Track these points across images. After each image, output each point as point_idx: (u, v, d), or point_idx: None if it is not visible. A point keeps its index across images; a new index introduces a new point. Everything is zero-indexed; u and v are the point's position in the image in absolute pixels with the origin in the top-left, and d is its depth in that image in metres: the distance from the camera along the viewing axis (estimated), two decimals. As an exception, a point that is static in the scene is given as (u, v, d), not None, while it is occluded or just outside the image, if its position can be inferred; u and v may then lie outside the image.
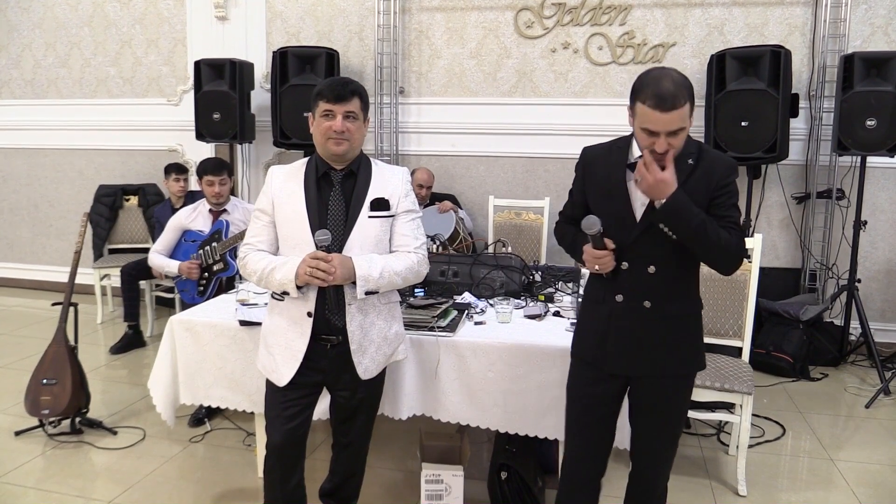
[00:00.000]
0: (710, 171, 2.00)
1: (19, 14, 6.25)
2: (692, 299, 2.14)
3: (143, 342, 4.92)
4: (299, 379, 2.26)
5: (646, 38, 5.04)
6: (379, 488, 3.02)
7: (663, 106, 1.87)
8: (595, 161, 2.16)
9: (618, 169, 2.08)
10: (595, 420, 2.18)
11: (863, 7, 4.69)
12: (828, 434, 3.63)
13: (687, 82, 1.92)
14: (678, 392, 2.14)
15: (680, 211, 1.93)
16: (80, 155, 6.28)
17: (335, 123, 2.18)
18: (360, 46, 5.53)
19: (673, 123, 1.89)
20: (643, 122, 1.93)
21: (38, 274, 6.53)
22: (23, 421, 3.51)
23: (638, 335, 2.07)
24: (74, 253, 3.65)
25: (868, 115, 4.20)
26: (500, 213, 4.87)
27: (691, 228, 1.94)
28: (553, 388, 2.59)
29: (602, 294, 2.12)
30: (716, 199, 2.00)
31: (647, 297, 2.06)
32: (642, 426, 2.17)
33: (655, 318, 2.06)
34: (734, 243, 1.98)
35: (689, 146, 2.02)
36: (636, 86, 1.97)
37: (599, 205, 2.11)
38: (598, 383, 2.15)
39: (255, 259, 2.27)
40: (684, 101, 1.88)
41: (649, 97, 1.89)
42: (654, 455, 2.18)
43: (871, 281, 4.87)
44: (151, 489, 3.01)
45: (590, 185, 2.16)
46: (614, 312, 2.10)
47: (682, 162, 2.00)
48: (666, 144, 1.91)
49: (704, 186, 1.99)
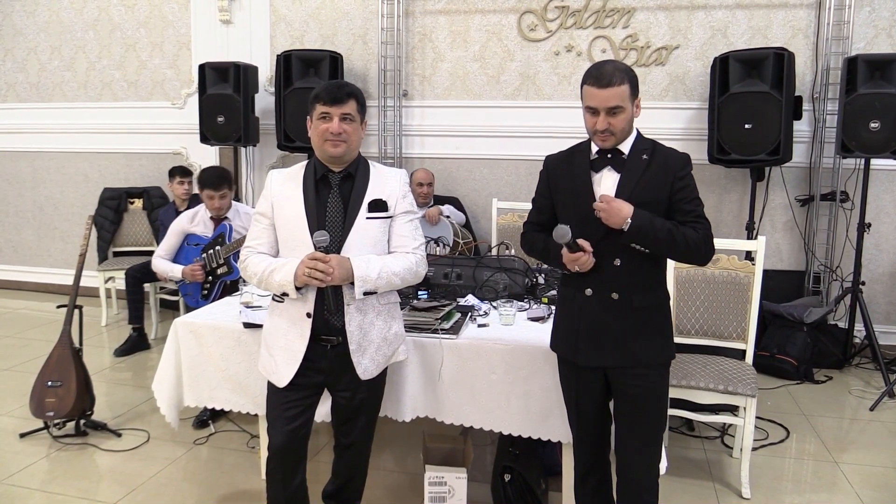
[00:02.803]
0: (665, 165, 2.14)
1: (24, 18, 6.28)
2: (659, 290, 2.23)
3: (147, 345, 4.93)
4: (299, 380, 2.27)
5: (649, 40, 5.05)
6: (382, 490, 3.02)
7: (600, 82, 2.05)
8: (558, 166, 2.30)
9: (582, 170, 2.21)
10: (585, 408, 2.29)
11: (866, 9, 4.68)
12: (832, 437, 3.62)
13: (629, 70, 2.11)
14: (652, 382, 2.19)
15: (645, 228, 2.06)
16: (85, 158, 6.31)
17: (332, 125, 2.20)
18: (364, 50, 5.55)
19: (610, 100, 2.06)
20: (586, 101, 2.11)
21: (42, 276, 6.55)
22: (28, 423, 3.52)
23: (607, 327, 2.16)
24: (79, 255, 3.67)
25: (872, 118, 4.19)
26: (503, 215, 4.87)
27: (660, 241, 2.07)
28: (556, 391, 2.58)
29: (573, 290, 2.23)
30: (677, 194, 2.12)
31: (614, 290, 2.15)
32: (622, 419, 2.24)
33: (623, 309, 2.15)
34: (701, 240, 2.10)
35: (643, 143, 2.18)
36: (584, 74, 2.13)
37: (567, 207, 2.24)
38: (579, 377, 2.26)
39: (255, 261, 2.29)
40: (621, 81, 2.06)
41: (590, 77, 2.09)
42: (636, 448, 2.22)
43: (875, 283, 4.86)
44: (156, 491, 3.02)
45: (556, 189, 2.28)
46: (585, 306, 2.19)
47: (637, 158, 2.15)
48: (606, 123, 2.08)
49: (662, 180, 2.12)
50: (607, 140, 2.12)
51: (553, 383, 2.58)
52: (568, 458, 2.74)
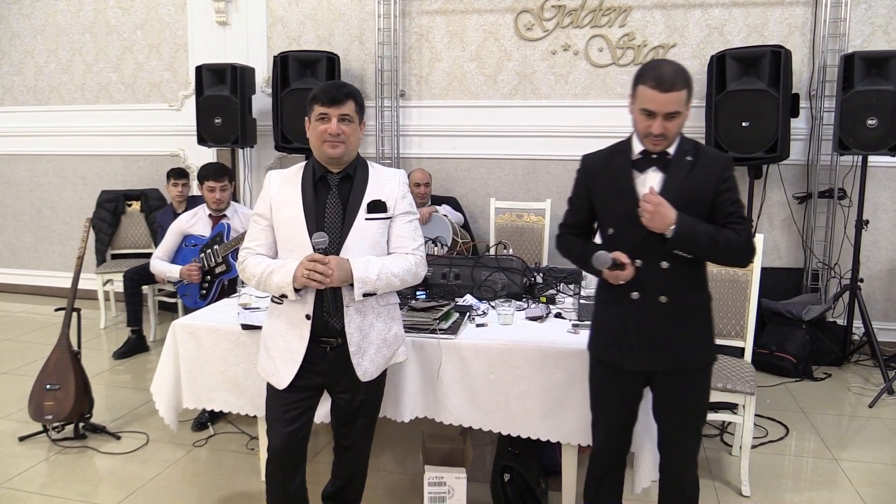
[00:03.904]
0: (709, 166, 2.11)
1: (21, 21, 6.27)
2: (703, 291, 2.21)
3: (145, 347, 4.93)
4: (299, 382, 2.26)
5: (646, 39, 5.05)
6: (382, 491, 3.02)
7: (662, 86, 1.99)
8: (597, 167, 2.24)
9: (623, 170, 2.16)
10: (619, 412, 2.27)
11: (863, 6, 4.69)
12: (831, 434, 3.63)
13: (686, 72, 2.06)
14: (698, 384, 2.20)
15: (689, 234, 2.04)
16: (83, 160, 6.30)
17: (330, 126, 2.19)
18: (361, 50, 5.55)
19: (670, 105, 2.00)
20: (642, 103, 2.05)
21: (40, 279, 6.55)
22: (26, 426, 3.52)
23: (655, 331, 2.13)
24: (77, 258, 3.66)
25: (869, 115, 4.20)
26: (501, 215, 4.87)
27: (703, 246, 2.06)
28: (555, 390, 2.59)
29: (616, 295, 2.17)
30: (721, 195, 2.09)
31: (662, 292, 2.11)
32: (667, 420, 2.23)
33: (672, 312, 2.12)
34: (743, 242, 2.08)
35: (686, 144, 2.14)
36: (638, 72, 2.11)
37: (608, 208, 2.20)
38: (617, 380, 2.23)
39: (253, 263, 2.28)
40: (682, 86, 2.01)
41: (650, 79, 2.02)
42: (682, 447, 2.24)
43: (873, 280, 4.86)
44: (155, 494, 3.01)
45: (596, 191, 2.23)
46: (630, 310, 2.15)
47: (681, 160, 2.11)
48: (661, 127, 2.03)
49: (707, 181, 2.09)
50: (659, 144, 2.08)
51: (552, 383, 2.59)
52: (568, 458, 2.74)
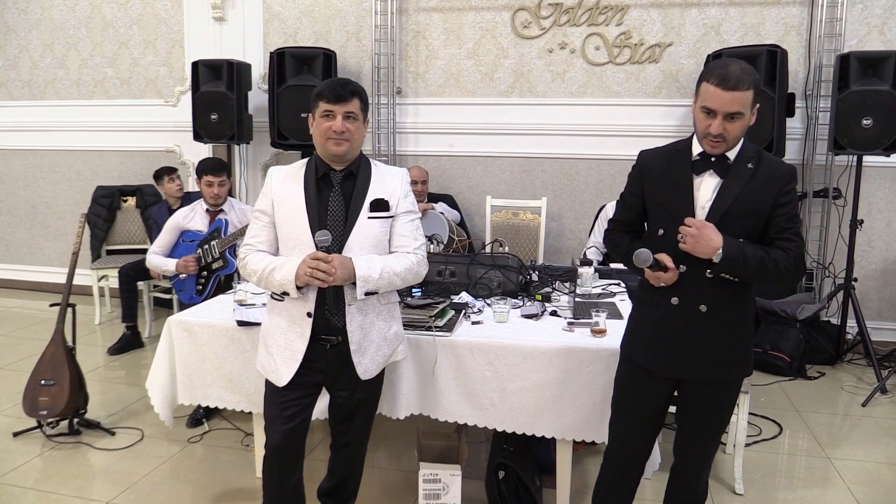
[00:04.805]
0: (770, 176, 2.02)
1: (16, 15, 6.24)
2: (747, 304, 2.13)
3: (141, 343, 4.92)
4: (298, 379, 2.26)
5: (643, 38, 5.05)
6: (377, 488, 3.02)
7: (726, 84, 1.90)
8: (655, 164, 2.16)
9: (682, 171, 2.08)
10: (643, 414, 2.22)
11: (859, 6, 4.70)
12: (825, 432, 3.64)
13: (755, 74, 1.97)
14: (726, 396, 2.16)
15: (737, 260, 1.95)
16: (78, 156, 6.28)
17: (335, 124, 2.18)
18: (358, 47, 5.54)
19: (732, 105, 1.92)
20: (704, 100, 1.96)
21: (35, 275, 6.53)
22: (21, 422, 3.51)
23: (691, 339, 2.07)
24: (72, 254, 3.65)
25: (864, 115, 4.21)
26: (497, 212, 4.88)
27: (751, 271, 1.98)
28: (550, 388, 2.60)
29: (656, 297, 2.12)
30: (779, 209, 2.01)
31: (703, 301, 2.05)
32: (688, 427, 2.20)
33: (710, 322, 2.06)
34: (792, 264, 2.00)
35: (749, 150, 2.05)
36: (704, 70, 2.01)
37: (661, 208, 2.12)
38: (647, 383, 2.18)
39: (254, 259, 2.27)
40: (747, 87, 1.92)
41: (714, 76, 1.93)
42: (698, 454, 2.22)
43: (867, 280, 4.88)
44: (149, 490, 3.01)
45: (650, 188, 2.15)
46: (668, 315, 2.09)
47: (742, 166, 2.03)
48: (721, 128, 1.94)
49: (766, 192, 2.01)
50: (717, 146, 1.99)
51: (547, 380, 2.59)
52: (563, 455, 2.75)
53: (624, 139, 4.99)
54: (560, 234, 5.29)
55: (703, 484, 2.27)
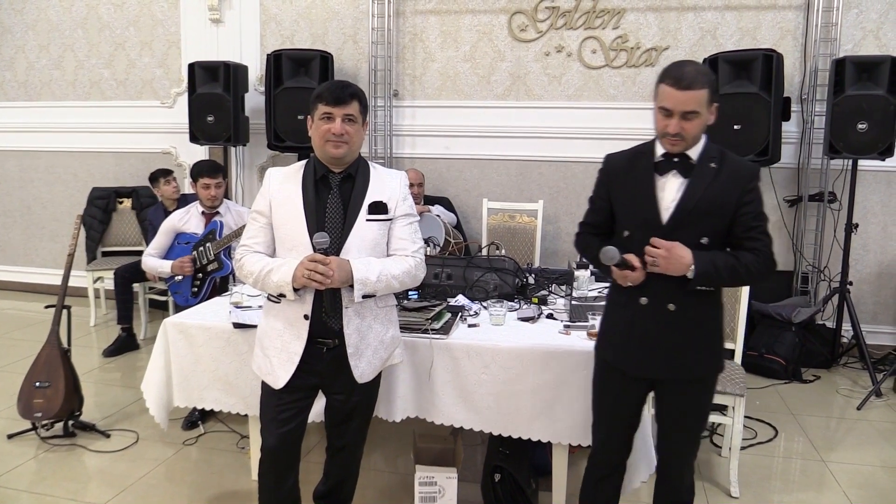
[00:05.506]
0: (734, 175, 2.05)
1: (12, 16, 6.23)
2: (715, 302, 2.17)
3: (136, 345, 4.91)
4: (295, 382, 2.25)
5: (639, 41, 5.06)
6: (373, 491, 3.02)
7: (680, 84, 1.96)
8: (619, 167, 2.20)
9: (645, 173, 2.12)
10: (621, 415, 2.25)
11: (854, 11, 4.72)
12: (820, 436, 3.65)
13: (710, 74, 2.03)
14: (701, 393, 2.19)
15: (709, 272, 2.00)
16: (74, 157, 6.26)
17: (334, 126, 2.18)
18: (355, 49, 5.54)
19: (687, 104, 1.97)
20: (661, 101, 2.03)
21: (30, 276, 6.50)
22: (15, 424, 3.50)
23: (661, 338, 2.10)
24: (67, 255, 3.64)
25: (859, 119, 4.22)
26: (493, 215, 4.88)
27: (725, 279, 2.05)
28: (546, 391, 2.60)
29: (626, 298, 2.15)
30: (743, 207, 2.04)
31: (671, 300, 2.08)
32: (667, 426, 2.22)
33: (679, 321, 2.09)
34: (763, 263, 2.06)
35: (712, 150, 2.09)
36: (661, 72, 2.07)
37: (627, 209, 2.16)
38: (621, 384, 2.21)
39: (251, 261, 2.26)
40: (701, 86, 1.97)
41: (669, 77, 2.00)
42: (679, 452, 2.24)
43: (862, 283, 4.89)
44: (144, 492, 3.00)
45: (616, 191, 2.19)
46: (638, 315, 2.12)
47: (705, 166, 2.06)
48: (678, 127, 1.99)
49: (730, 191, 2.04)
50: (676, 145, 2.04)
51: (543, 383, 2.59)
52: (559, 458, 2.75)
53: (620, 142, 4.86)
54: (556, 237, 5.29)
55: (687, 483, 2.28)
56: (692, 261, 1.98)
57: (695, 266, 1.98)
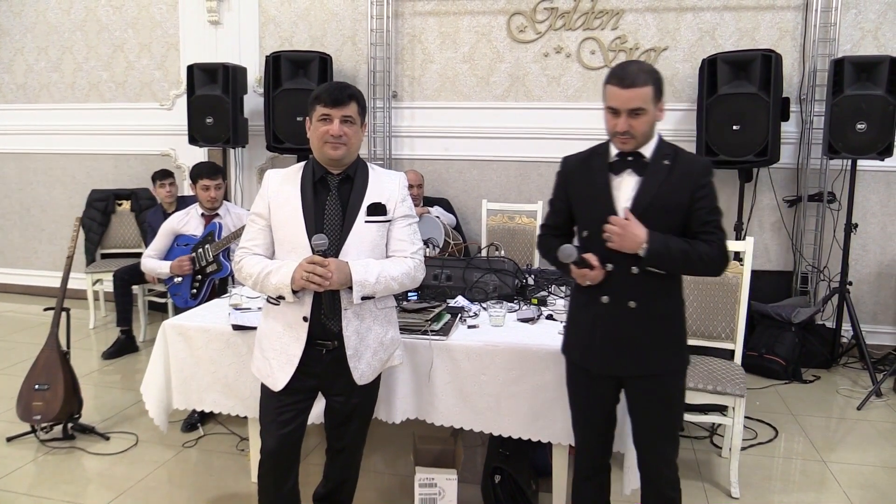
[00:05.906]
0: (687, 171, 2.10)
1: (11, 18, 6.23)
2: (675, 298, 2.21)
3: (135, 347, 4.90)
4: (294, 384, 2.25)
5: (638, 42, 5.07)
6: (373, 492, 3.01)
7: (623, 83, 2.02)
8: (576, 168, 2.25)
9: (600, 173, 2.16)
10: (593, 414, 2.27)
11: (853, 11, 4.72)
12: (820, 436, 3.65)
13: (654, 72, 2.07)
14: (669, 389, 2.19)
15: (661, 252, 2.03)
16: (73, 159, 6.26)
17: (332, 128, 2.18)
18: (354, 51, 5.54)
19: (632, 101, 2.02)
20: (608, 101, 2.07)
21: (29, 279, 6.50)
22: (15, 427, 3.49)
23: (623, 335, 2.13)
24: (66, 258, 3.64)
25: (858, 119, 4.23)
26: (493, 216, 4.88)
27: (677, 262, 2.06)
28: (546, 392, 2.59)
29: (587, 297, 2.18)
30: (697, 202, 2.09)
31: (631, 298, 2.11)
32: (639, 423, 2.23)
33: (641, 317, 2.12)
34: (716, 254, 2.09)
35: (665, 148, 2.14)
36: (607, 74, 2.11)
37: (584, 209, 2.20)
38: (590, 383, 2.23)
39: (250, 263, 2.26)
40: (645, 83, 2.02)
41: (614, 77, 2.05)
42: (655, 450, 2.23)
43: (861, 283, 4.90)
44: (144, 495, 3.00)
45: (573, 192, 2.24)
46: (600, 314, 2.15)
47: (658, 163, 2.11)
48: (627, 124, 2.04)
49: (684, 187, 2.09)
50: (627, 143, 2.08)
51: (543, 384, 2.59)
52: (559, 459, 2.75)
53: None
54: (556, 238, 5.28)
55: (669, 479, 2.25)
56: (646, 238, 2.01)
57: (647, 243, 2.01)
